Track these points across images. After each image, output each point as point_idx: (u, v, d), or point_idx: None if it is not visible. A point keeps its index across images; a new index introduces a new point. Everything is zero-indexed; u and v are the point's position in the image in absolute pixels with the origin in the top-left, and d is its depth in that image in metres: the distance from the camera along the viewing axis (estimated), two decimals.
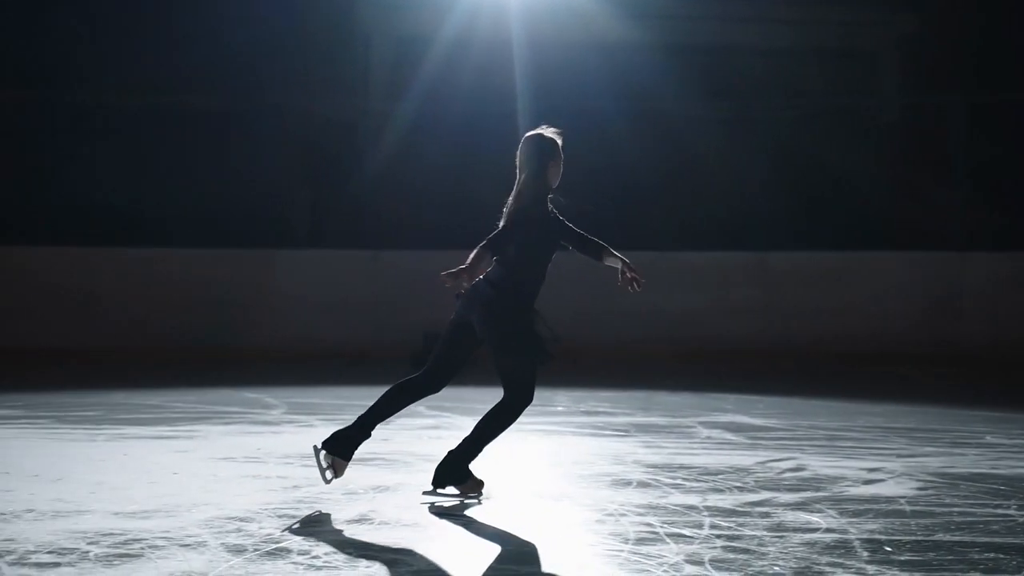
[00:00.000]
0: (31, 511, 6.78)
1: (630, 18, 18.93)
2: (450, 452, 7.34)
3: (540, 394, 13.10)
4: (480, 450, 7.36)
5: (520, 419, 7.32)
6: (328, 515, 6.79)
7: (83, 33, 17.88)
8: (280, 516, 6.76)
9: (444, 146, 18.22)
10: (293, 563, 5.73)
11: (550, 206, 7.31)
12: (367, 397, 12.63)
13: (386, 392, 7.44)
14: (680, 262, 18.33)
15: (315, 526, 6.51)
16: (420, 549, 6.11)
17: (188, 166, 18.07)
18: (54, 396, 12.78)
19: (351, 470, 8.31)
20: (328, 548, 6.00)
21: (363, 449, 9.20)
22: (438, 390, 7.41)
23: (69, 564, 5.66)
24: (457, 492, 7.32)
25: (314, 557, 5.83)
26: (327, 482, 7.31)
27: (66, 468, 8.25)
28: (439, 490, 7.33)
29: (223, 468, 8.36)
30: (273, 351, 16.97)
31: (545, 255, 7.28)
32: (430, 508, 7.05)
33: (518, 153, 7.31)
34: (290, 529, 6.42)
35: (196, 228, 17.71)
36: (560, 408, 12.00)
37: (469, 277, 6.92)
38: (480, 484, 7.34)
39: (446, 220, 17.83)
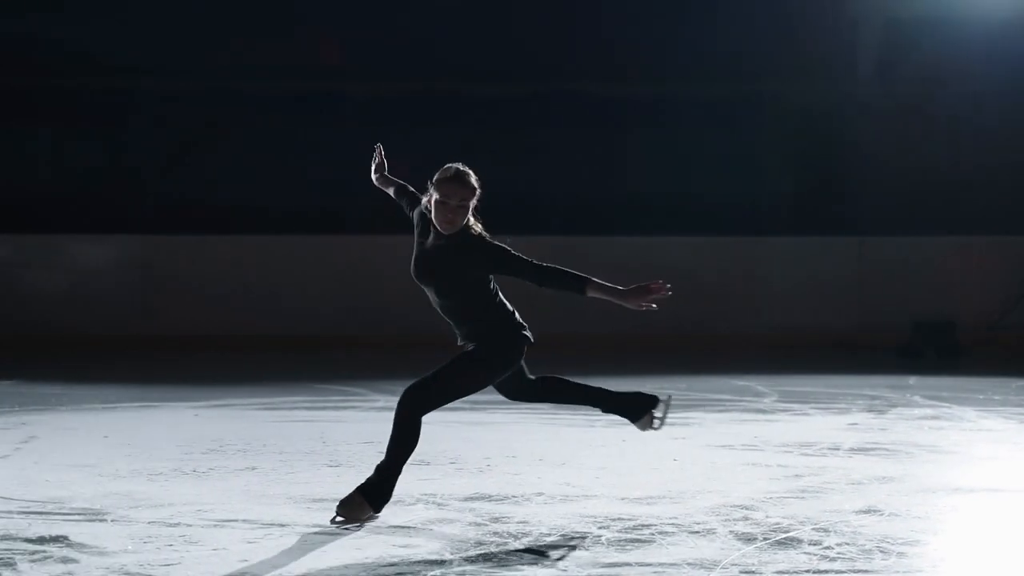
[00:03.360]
0: (540, 494, 6.94)
1: None
2: None
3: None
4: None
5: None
6: (835, 506, 6.66)
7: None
8: (785, 505, 6.67)
9: (932, 130, 17.71)
10: (805, 553, 5.63)
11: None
12: (858, 386, 12.49)
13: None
14: None
15: (823, 516, 6.38)
16: (934, 543, 5.92)
17: (665, 154, 18.15)
18: None
19: (850, 459, 8.17)
20: (839, 539, 5.88)
21: (863, 439, 9.06)
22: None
23: (583, 548, 5.75)
24: None
25: (826, 548, 5.72)
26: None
27: (568, 453, 8.42)
28: None
29: (722, 456, 8.34)
30: (757, 338, 16.91)
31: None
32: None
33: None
34: (796, 519, 6.33)
35: (677, 215, 17.80)
36: None
37: None
38: None
39: (936, 206, 17.35)
